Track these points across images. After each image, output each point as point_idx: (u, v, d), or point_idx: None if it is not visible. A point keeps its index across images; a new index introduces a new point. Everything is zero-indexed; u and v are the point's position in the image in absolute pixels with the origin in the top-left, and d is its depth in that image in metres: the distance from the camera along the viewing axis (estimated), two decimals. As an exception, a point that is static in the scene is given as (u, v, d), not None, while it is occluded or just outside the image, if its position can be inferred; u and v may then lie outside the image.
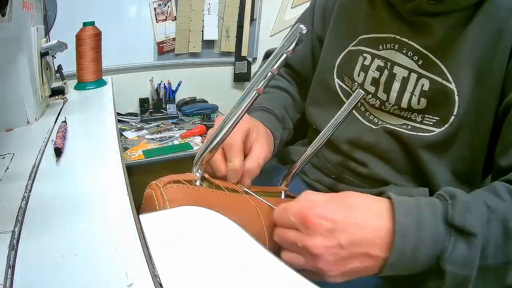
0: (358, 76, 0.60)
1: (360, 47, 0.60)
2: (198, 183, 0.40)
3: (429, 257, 0.35)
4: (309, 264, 0.37)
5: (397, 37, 0.54)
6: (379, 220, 0.36)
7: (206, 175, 0.41)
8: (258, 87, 0.37)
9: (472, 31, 0.47)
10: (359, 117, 0.60)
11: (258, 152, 0.48)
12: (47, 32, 0.91)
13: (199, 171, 0.40)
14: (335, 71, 0.63)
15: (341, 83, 0.63)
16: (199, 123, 1.70)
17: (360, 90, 0.53)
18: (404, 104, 0.54)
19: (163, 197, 0.36)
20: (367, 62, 0.58)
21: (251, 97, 0.37)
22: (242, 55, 1.88)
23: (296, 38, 0.35)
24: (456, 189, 0.38)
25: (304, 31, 0.35)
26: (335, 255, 0.35)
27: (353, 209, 0.37)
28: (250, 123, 0.49)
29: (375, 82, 0.57)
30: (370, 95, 0.58)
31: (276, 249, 0.40)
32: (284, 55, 0.36)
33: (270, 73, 0.36)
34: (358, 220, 0.36)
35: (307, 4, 0.75)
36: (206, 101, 1.86)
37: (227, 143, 0.44)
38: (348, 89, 0.62)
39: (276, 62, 0.36)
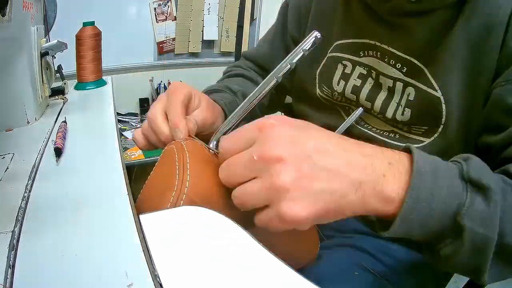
0: (338, 85, 0.56)
1: (339, 54, 0.56)
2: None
3: (445, 211, 0.31)
4: (266, 184, 0.29)
5: (377, 43, 0.50)
6: (389, 153, 0.32)
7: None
8: (278, 75, 0.41)
9: (458, 31, 0.43)
10: (344, 115, 0.59)
11: (196, 113, 0.46)
12: (47, 32, 0.91)
13: (215, 141, 0.42)
14: (316, 82, 0.60)
15: (321, 94, 0.60)
16: (199, 123, 1.70)
17: (361, 108, 0.52)
18: (389, 114, 0.51)
19: (182, 147, 0.37)
20: (348, 70, 0.55)
21: (270, 84, 0.42)
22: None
23: (312, 40, 0.40)
24: (469, 154, 0.35)
25: (319, 36, 0.39)
26: (298, 164, 0.29)
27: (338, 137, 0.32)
28: (192, 91, 0.46)
29: (356, 90, 0.54)
30: (353, 103, 0.55)
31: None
32: (302, 52, 0.41)
33: (288, 66, 0.41)
34: (341, 142, 0.31)
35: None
36: (206, 101, 1.87)
37: (167, 107, 0.43)
38: (328, 98, 0.59)
39: (294, 58, 0.40)
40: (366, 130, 0.55)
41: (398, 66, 0.49)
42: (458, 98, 0.44)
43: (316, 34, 0.40)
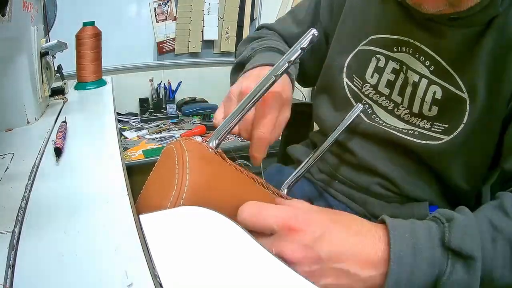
0: (372, 77, 0.59)
1: (372, 48, 0.58)
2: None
3: (427, 280, 0.34)
4: None
5: (410, 40, 0.53)
6: (372, 241, 0.35)
7: (219, 150, 0.42)
8: (276, 73, 0.41)
9: (486, 44, 0.47)
10: (360, 114, 0.60)
11: (280, 121, 0.47)
12: (47, 32, 0.91)
13: (216, 141, 0.41)
14: (344, 71, 0.62)
15: (350, 83, 0.62)
16: (199, 123, 1.70)
17: (360, 104, 0.55)
18: (415, 109, 0.54)
19: (182, 147, 0.37)
20: (381, 64, 0.57)
21: (268, 82, 0.41)
22: (242, 55, 1.88)
23: (310, 38, 0.40)
24: (453, 212, 0.37)
25: (316, 34, 0.39)
26: (310, 266, 0.33)
27: (341, 224, 0.36)
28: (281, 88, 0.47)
29: (390, 84, 0.57)
30: (384, 97, 0.58)
31: None
32: (300, 50, 0.40)
33: (286, 64, 0.41)
34: (343, 234, 0.34)
35: (307, 4, 0.74)
36: (206, 101, 1.86)
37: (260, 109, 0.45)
38: (356, 89, 0.61)
39: (292, 56, 0.41)
40: (385, 128, 0.57)
41: (427, 63, 0.52)
42: (481, 101, 0.48)
43: (313, 32, 0.40)
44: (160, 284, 0.27)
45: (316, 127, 0.73)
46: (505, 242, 0.35)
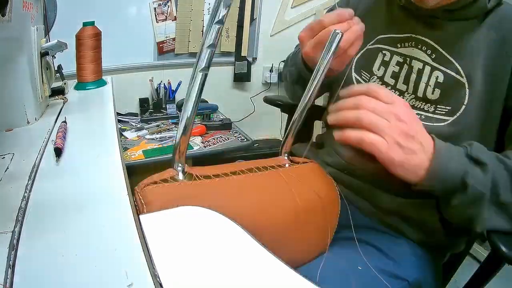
0: (378, 70, 0.65)
1: (379, 45, 0.65)
2: (180, 176, 0.40)
3: (456, 174, 0.46)
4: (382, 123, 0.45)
5: (413, 35, 0.60)
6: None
7: (186, 168, 0.41)
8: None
9: (481, 36, 0.54)
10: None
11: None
12: (47, 32, 0.91)
13: (180, 165, 0.41)
14: (353, 66, 0.69)
15: (358, 77, 0.68)
16: (199, 123, 1.70)
17: (336, 30, 0.48)
18: (420, 93, 0.59)
19: (140, 200, 0.37)
20: (387, 58, 0.64)
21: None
22: (242, 55, 1.88)
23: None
24: (474, 142, 0.49)
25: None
26: (402, 126, 0.45)
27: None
28: None
29: (395, 75, 0.63)
30: (389, 87, 0.63)
31: (256, 227, 0.39)
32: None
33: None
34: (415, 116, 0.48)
35: (307, 4, 0.75)
36: (206, 101, 1.86)
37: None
38: (365, 81, 0.67)
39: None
40: None
41: (429, 52, 0.59)
42: (478, 86, 0.54)
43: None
44: (160, 284, 0.27)
45: (323, 130, 0.73)
46: (506, 171, 0.46)
